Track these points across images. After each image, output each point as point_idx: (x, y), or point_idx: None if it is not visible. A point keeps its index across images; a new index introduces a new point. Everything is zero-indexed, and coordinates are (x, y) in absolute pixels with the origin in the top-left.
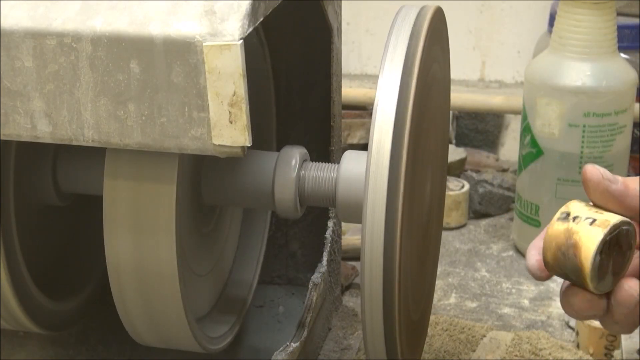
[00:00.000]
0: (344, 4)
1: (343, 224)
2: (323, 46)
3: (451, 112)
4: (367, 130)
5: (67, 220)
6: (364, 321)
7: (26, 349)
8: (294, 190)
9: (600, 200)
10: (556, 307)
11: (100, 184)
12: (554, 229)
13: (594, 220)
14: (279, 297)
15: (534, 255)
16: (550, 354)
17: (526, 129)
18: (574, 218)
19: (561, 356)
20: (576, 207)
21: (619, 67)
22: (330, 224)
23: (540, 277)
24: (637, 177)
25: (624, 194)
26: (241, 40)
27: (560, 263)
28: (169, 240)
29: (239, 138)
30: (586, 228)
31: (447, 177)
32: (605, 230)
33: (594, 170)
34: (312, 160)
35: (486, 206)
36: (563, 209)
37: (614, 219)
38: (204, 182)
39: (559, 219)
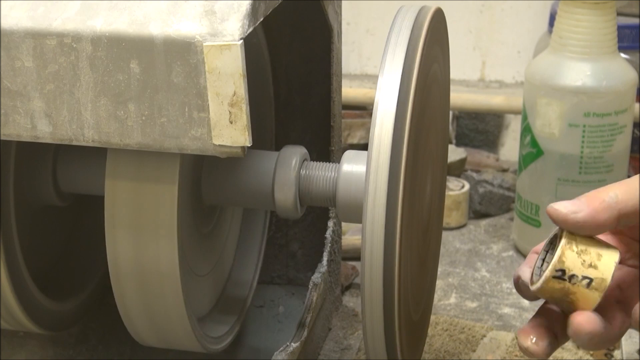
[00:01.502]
0: (344, 4)
1: (343, 224)
2: (323, 46)
3: (451, 112)
4: (367, 130)
5: (67, 220)
6: (364, 321)
7: (26, 349)
8: (294, 190)
9: (577, 230)
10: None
11: (101, 184)
12: (549, 286)
13: (591, 281)
14: (279, 297)
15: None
16: None
17: (526, 129)
18: (570, 278)
19: (561, 356)
20: (570, 258)
21: (619, 67)
22: (330, 224)
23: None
24: (602, 188)
25: (593, 216)
26: (241, 40)
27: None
28: (170, 240)
29: (239, 138)
30: (584, 291)
31: (447, 177)
32: (602, 294)
33: (554, 212)
34: (312, 160)
35: (486, 206)
36: (556, 261)
37: (609, 272)
38: (204, 182)
39: (554, 277)
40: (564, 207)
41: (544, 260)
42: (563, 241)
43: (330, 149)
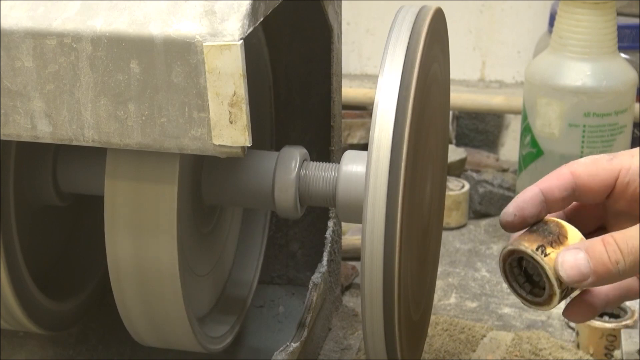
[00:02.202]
0: (344, 4)
1: (343, 224)
2: (323, 46)
3: (451, 112)
4: (367, 130)
5: (67, 220)
6: (364, 321)
7: (26, 349)
8: (294, 190)
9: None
10: (556, 307)
11: (100, 184)
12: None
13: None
14: (279, 297)
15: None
16: (550, 354)
17: (526, 129)
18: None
19: (561, 356)
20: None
21: (619, 67)
22: (330, 224)
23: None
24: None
25: (599, 282)
26: (241, 41)
27: None
28: (169, 240)
29: (239, 138)
30: None
31: (447, 177)
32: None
33: (566, 277)
34: (312, 160)
35: (486, 206)
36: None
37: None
38: (204, 182)
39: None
40: (571, 273)
41: (524, 280)
42: (552, 275)
43: (330, 149)
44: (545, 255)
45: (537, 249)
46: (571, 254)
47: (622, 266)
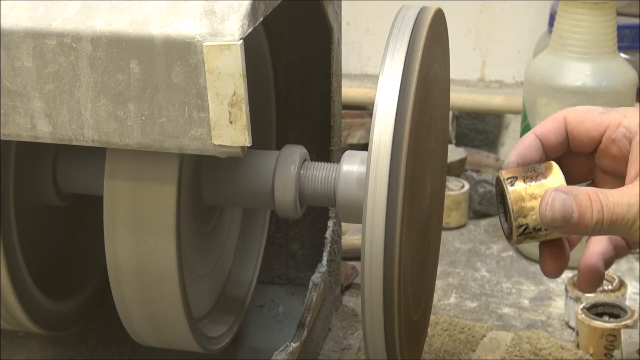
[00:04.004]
0: (344, 4)
1: (343, 224)
2: (323, 46)
3: (451, 112)
4: (367, 130)
5: (67, 220)
6: (364, 321)
7: (26, 349)
8: (294, 190)
9: None
10: (556, 307)
11: (100, 183)
12: (524, 241)
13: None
14: (279, 297)
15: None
16: (550, 354)
17: (526, 129)
18: (534, 230)
19: (561, 356)
20: (527, 219)
21: (619, 67)
22: (330, 224)
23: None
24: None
25: (581, 221)
26: (241, 40)
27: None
28: (169, 240)
29: (239, 138)
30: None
31: (447, 177)
32: None
33: (551, 222)
34: (312, 160)
35: (486, 206)
36: (516, 226)
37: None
38: (204, 182)
39: (521, 234)
40: (557, 217)
41: (505, 209)
42: (511, 204)
43: (330, 149)
44: (512, 185)
45: (508, 178)
46: (561, 197)
47: (599, 227)
